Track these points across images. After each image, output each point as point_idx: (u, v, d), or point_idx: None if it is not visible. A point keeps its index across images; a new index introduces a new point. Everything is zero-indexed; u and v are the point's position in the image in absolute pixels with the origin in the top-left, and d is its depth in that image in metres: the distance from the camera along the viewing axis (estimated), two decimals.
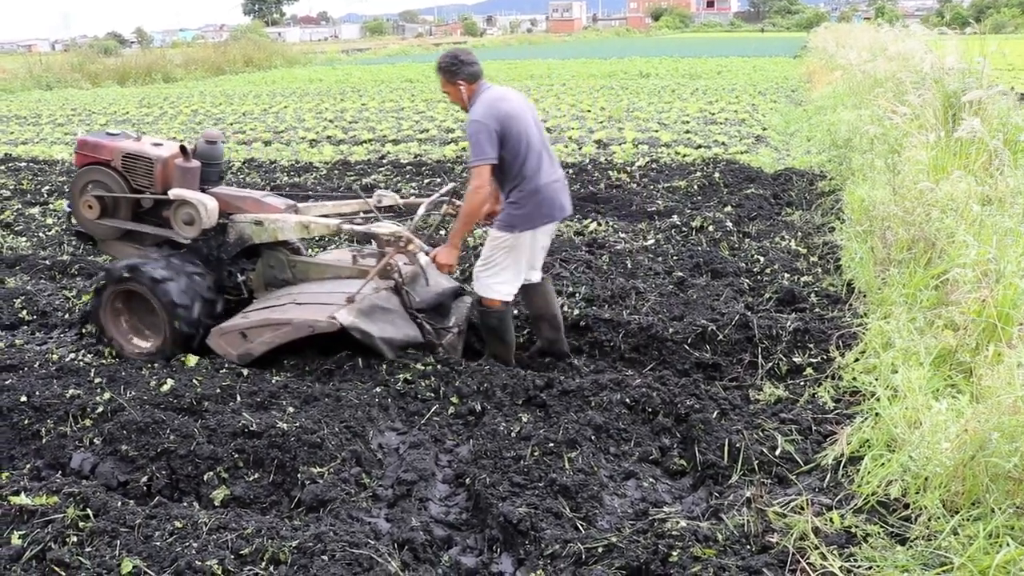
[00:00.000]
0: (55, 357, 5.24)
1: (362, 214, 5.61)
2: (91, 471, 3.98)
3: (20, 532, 3.29)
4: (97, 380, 4.70)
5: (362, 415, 4.20)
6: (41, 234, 8.77)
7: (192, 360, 4.89)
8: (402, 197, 5.61)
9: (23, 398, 4.43)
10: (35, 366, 5.06)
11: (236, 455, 3.88)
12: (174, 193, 5.26)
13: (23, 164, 13.46)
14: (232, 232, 5.35)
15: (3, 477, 4.01)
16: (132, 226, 5.57)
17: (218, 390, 4.48)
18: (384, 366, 4.74)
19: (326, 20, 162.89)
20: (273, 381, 4.60)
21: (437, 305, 5.33)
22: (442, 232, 7.28)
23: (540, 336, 5.27)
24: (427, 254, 5.00)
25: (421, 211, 5.25)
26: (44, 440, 4.20)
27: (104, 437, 4.08)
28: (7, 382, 4.70)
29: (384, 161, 12.33)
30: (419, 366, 4.76)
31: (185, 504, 3.66)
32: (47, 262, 7.52)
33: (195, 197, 5.21)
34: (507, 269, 4.80)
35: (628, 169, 10.89)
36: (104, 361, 5.04)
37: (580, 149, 12.80)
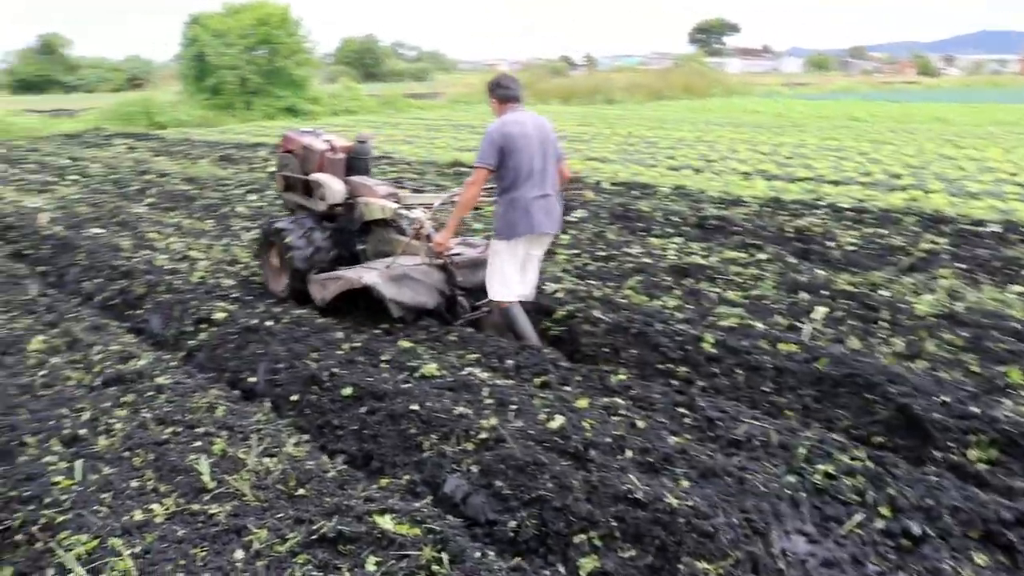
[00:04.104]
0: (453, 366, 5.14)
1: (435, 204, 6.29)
2: (463, 500, 3.70)
3: (376, 558, 3.07)
4: (488, 401, 4.46)
5: (767, 507, 3.47)
6: None
7: (583, 401, 4.47)
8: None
9: (414, 406, 4.32)
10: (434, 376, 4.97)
11: (614, 523, 3.35)
12: (312, 177, 6.65)
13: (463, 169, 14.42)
14: (357, 210, 6.53)
15: (383, 482, 3.90)
16: (301, 200, 6.89)
17: (608, 439, 3.99)
18: (801, 450, 3.95)
19: (768, 52, 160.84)
20: (671, 442, 4.01)
21: (484, 286, 5.88)
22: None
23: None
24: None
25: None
26: (425, 454, 4.02)
27: (482, 467, 3.79)
28: (404, 386, 4.64)
29: (821, 203, 11.24)
30: (845, 458, 3.89)
31: (549, 573, 3.20)
32: None
33: (325, 179, 6.55)
34: (502, 274, 5.58)
35: None
36: (498, 381, 4.80)
37: None
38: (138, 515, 3.42)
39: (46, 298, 6.99)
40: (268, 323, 5.83)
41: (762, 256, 8.23)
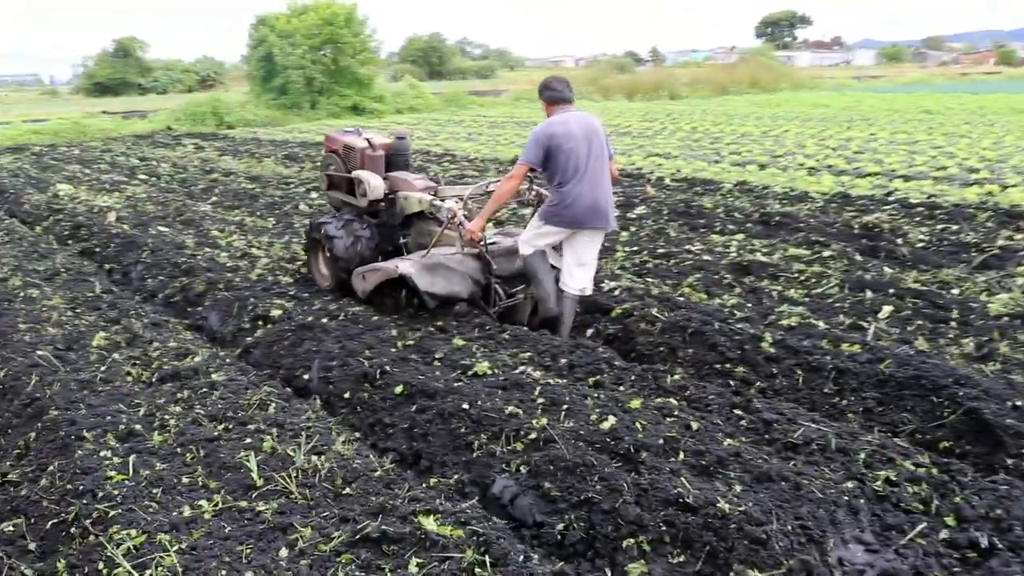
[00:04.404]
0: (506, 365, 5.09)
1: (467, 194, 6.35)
2: (510, 501, 3.65)
3: (419, 559, 3.02)
4: (539, 400, 4.38)
5: (824, 514, 3.34)
6: None
7: (636, 402, 4.37)
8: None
9: (465, 405, 4.28)
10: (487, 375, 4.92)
11: (663, 527, 3.26)
12: (355, 174, 6.82)
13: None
14: (398, 204, 6.73)
15: (431, 481, 3.87)
16: (345, 198, 7.04)
17: (661, 440, 3.89)
18: (862, 455, 3.80)
19: (839, 45, 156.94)
20: (725, 444, 3.90)
21: (520, 274, 6.17)
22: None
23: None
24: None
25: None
26: (474, 454, 3.98)
27: (531, 468, 3.72)
28: (456, 385, 4.60)
29: (890, 199, 10.90)
30: (908, 464, 3.73)
31: None
32: None
33: (366, 176, 6.71)
34: (529, 238, 5.87)
35: None
36: (551, 381, 4.73)
37: None
38: (186, 511, 3.43)
39: (110, 295, 7.13)
40: (323, 320, 5.85)
41: (827, 253, 8.01)
